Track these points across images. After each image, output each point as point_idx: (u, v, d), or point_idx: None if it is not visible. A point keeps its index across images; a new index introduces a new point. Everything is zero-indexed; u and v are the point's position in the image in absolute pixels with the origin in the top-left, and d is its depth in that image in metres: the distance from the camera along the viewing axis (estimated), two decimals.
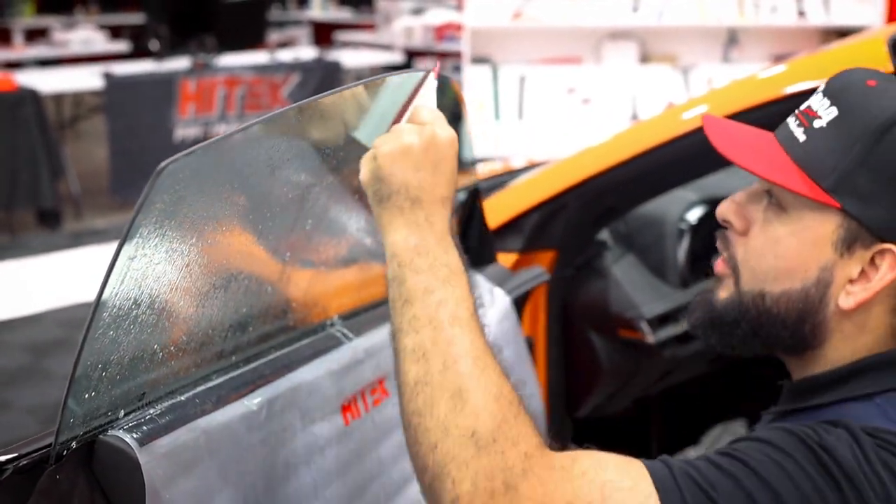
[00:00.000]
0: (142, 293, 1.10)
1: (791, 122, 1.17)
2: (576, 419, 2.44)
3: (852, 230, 1.08)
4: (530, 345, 1.99)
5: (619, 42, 7.31)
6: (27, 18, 10.85)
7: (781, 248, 1.12)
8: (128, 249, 1.02)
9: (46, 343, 4.58)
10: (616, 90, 7.21)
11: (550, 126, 7.19)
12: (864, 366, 1.10)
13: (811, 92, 1.88)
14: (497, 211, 2.14)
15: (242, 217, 1.26)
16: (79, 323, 0.95)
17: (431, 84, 1.20)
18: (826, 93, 1.13)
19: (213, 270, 1.24)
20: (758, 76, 2.12)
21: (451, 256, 1.12)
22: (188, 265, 1.18)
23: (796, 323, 1.12)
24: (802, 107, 1.16)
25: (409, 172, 1.12)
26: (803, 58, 2.21)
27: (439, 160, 1.14)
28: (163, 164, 0.97)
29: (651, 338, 2.29)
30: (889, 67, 1.80)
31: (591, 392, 2.37)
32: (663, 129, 2.05)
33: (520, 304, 1.95)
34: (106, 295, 1.04)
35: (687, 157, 2.04)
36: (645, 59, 7.36)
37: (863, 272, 1.08)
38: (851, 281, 1.09)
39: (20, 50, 9.51)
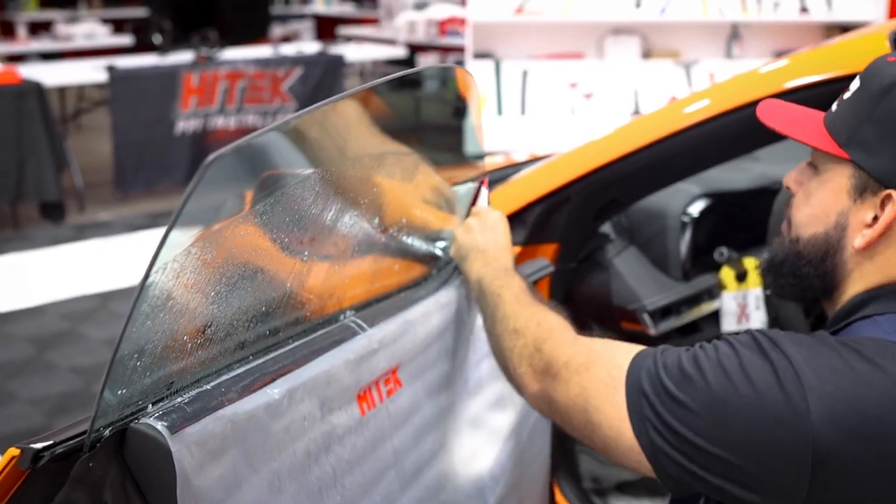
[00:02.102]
0: (178, 283, 1.12)
1: (835, 103, 1.31)
2: None
3: (862, 179, 1.22)
4: None
5: (621, 37, 7.33)
6: (31, 12, 10.88)
7: (812, 199, 1.29)
8: (173, 239, 1.03)
9: (50, 335, 4.60)
10: (618, 85, 7.22)
11: (553, 121, 7.20)
12: (873, 294, 1.24)
13: (813, 86, 1.91)
14: (500, 204, 2.14)
15: (274, 211, 1.28)
16: (82, 315, 0.96)
17: (483, 193, 1.88)
18: (860, 74, 1.28)
19: (243, 262, 1.26)
20: (760, 71, 2.13)
21: (511, 272, 1.65)
22: (223, 257, 1.20)
23: (820, 262, 1.28)
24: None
25: (475, 238, 1.74)
26: (805, 53, 2.22)
27: (492, 228, 1.76)
28: (212, 156, 0.99)
29: (653, 330, 2.31)
30: None
31: None
32: (666, 123, 2.06)
33: None
34: (148, 284, 1.05)
35: (689, 150, 2.05)
36: (647, 54, 7.37)
37: (875, 217, 1.22)
38: (867, 226, 1.22)
39: (24, 43, 9.52)
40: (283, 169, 1.33)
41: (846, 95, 1.27)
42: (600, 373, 1.27)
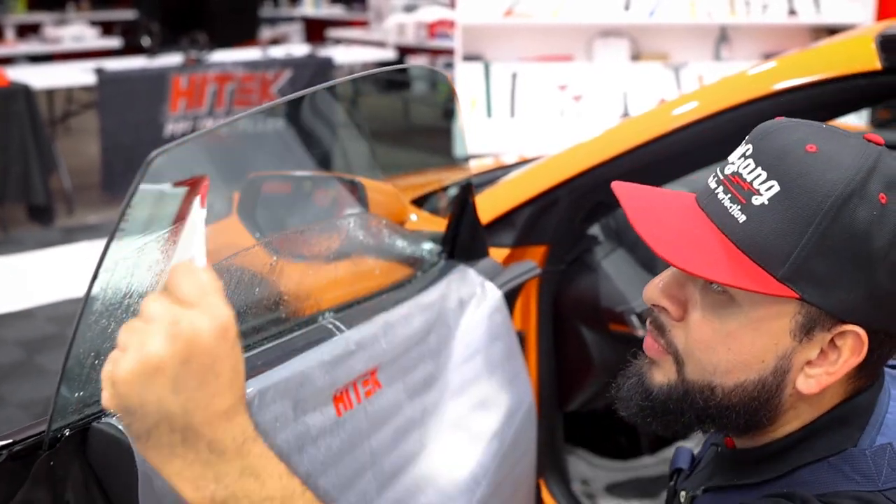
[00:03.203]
0: (133, 282, 1.11)
1: (720, 193, 1.02)
2: (567, 413, 2.46)
3: (812, 315, 0.98)
4: (521, 339, 2.00)
5: (610, 39, 7.33)
6: (19, 14, 10.84)
7: (735, 342, 1.01)
8: (119, 238, 1.02)
9: (39, 338, 4.58)
10: (607, 87, 7.23)
11: (542, 123, 7.20)
12: (813, 429, 1.04)
13: (800, 89, 1.91)
14: (489, 206, 2.15)
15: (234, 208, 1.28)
16: (71, 318, 0.95)
17: (199, 214, 0.81)
18: (758, 160, 1.00)
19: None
20: (747, 73, 2.13)
21: (266, 478, 0.89)
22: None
23: (750, 411, 1.03)
24: (727, 171, 1.03)
25: (166, 397, 0.82)
26: (793, 55, 2.23)
27: (208, 367, 0.84)
28: (153, 154, 0.98)
29: (641, 332, 2.30)
30: (876, 65, 1.82)
31: (581, 386, 2.39)
32: (654, 125, 2.07)
33: (511, 298, 1.97)
34: (98, 284, 1.05)
35: (678, 152, 2.05)
36: (636, 56, 7.38)
37: (822, 352, 1.00)
38: (810, 363, 1.01)
39: (12, 45, 9.48)
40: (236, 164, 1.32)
41: (758, 200, 0.97)
42: None
